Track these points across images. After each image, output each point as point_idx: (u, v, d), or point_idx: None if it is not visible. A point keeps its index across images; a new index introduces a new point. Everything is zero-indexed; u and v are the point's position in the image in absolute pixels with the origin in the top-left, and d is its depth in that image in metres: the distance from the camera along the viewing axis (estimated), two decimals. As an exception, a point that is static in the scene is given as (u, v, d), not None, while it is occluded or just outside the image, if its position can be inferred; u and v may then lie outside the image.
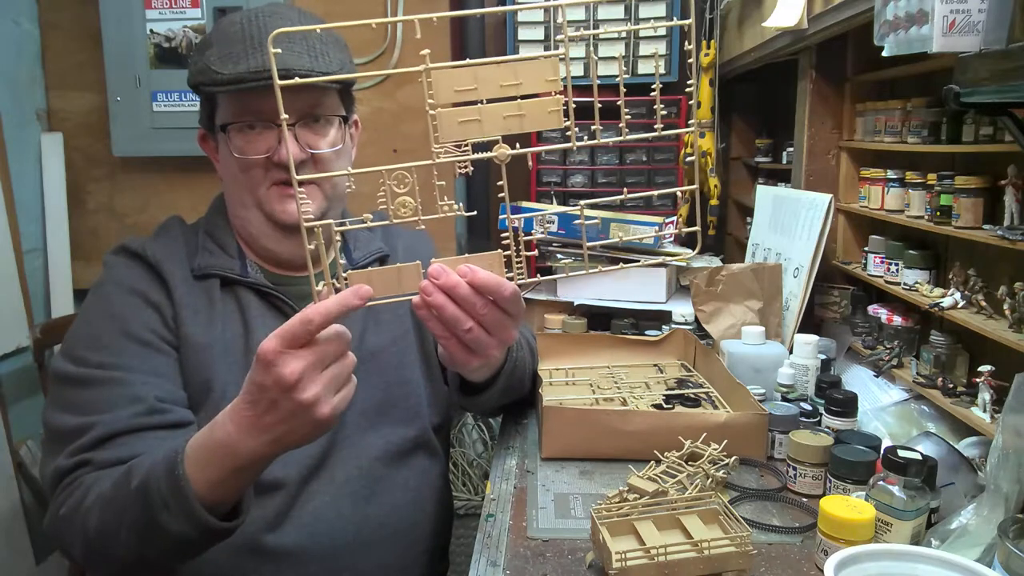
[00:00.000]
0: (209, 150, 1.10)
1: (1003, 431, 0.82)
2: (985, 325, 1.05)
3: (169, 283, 1.02)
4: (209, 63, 0.99)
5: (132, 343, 0.97)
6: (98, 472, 0.88)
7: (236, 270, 1.06)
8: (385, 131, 2.45)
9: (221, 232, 1.09)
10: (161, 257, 1.03)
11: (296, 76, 0.87)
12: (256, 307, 1.05)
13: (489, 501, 1.02)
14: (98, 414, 0.91)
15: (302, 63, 0.98)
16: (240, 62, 0.97)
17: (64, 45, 2.26)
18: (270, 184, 1.03)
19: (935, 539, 0.82)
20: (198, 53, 1.03)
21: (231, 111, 1.01)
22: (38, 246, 2.22)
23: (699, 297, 1.57)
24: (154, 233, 1.11)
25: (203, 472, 0.79)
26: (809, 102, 1.61)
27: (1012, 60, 0.76)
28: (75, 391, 0.94)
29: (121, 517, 0.83)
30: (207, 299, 1.03)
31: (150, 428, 0.92)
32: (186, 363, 1.00)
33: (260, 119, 1.00)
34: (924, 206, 1.23)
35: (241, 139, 1.01)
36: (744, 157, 2.36)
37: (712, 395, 1.30)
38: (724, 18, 2.06)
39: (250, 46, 0.98)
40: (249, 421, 0.76)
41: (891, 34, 1.02)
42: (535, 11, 2.18)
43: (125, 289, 1.01)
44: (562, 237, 1.76)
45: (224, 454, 0.78)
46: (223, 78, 0.97)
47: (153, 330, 0.99)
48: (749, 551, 0.81)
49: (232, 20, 1.02)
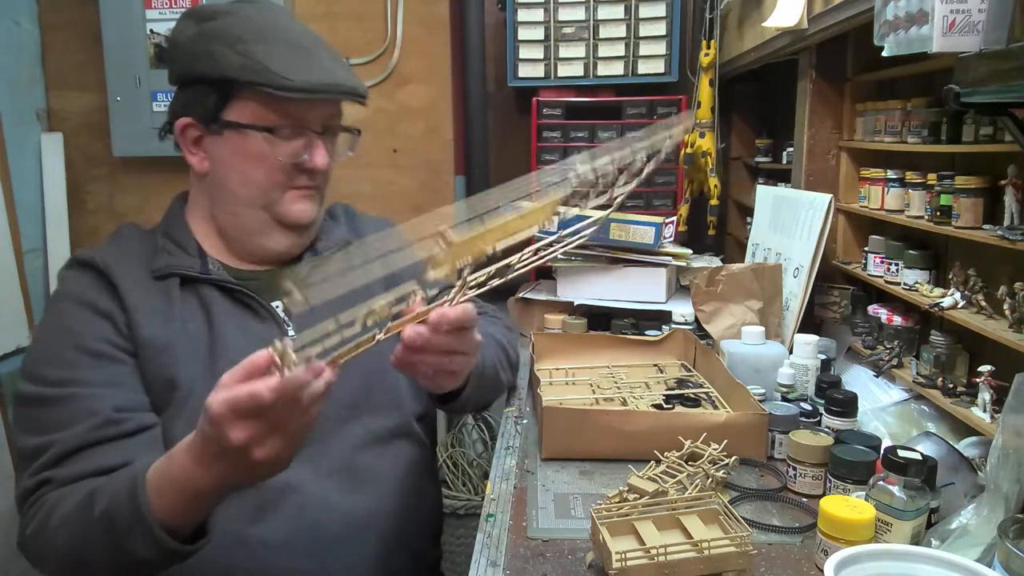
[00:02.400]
0: (187, 142, 1.07)
1: (1003, 431, 0.82)
2: (985, 325, 1.05)
3: (119, 288, 1.01)
4: (263, 62, 0.98)
5: (85, 356, 0.97)
6: (60, 490, 0.89)
7: (197, 268, 1.06)
8: (385, 131, 2.46)
9: (179, 233, 1.10)
10: (110, 262, 1.03)
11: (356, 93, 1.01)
12: (220, 304, 1.05)
13: (489, 501, 1.02)
14: (55, 432, 0.92)
15: (351, 80, 1.05)
16: (311, 72, 1.00)
17: (64, 45, 2.26)
18: (289, 187, 1.06)
19: (935, 539, 0.82)
20: (223, 44, 1.00)
21: (271, 114, 1.02)
22: (38, 246, 2.22)
23: (699, 297, 1.57)
24: (106, 241, 1.11)
25: (162, 500, 0.81)
26: (809, 102, 1.61)
27: (1012, 60, 0.76)
28: (34, 411, 0.95)
29: (88, 540, 0.85)
30: (165, 299, 1.03)
31: (108, 440, 0.92)
32: (148, 365, 0.99)
33: (298, 125, 1.04)
34: (924, 206, 1.23)
35: (266, 142, 1.03)
36: (744, 157, 2.36)
37: (712, 395, 1.30)
38: (724, 18, 2.06)
39: (307, 54, 1.02)
40: (203, 460, 0.77)
41: (891, 34, 1.02)
42: (535, 11, 2.18)
43: (76, 301, 1.01)
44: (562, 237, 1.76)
45: (181, 486, 0.80)
46: (293, 84, 0.98)
47: (106, 339, 0.99)
48: (749, 551, 0.81)
49: (249, 16, 1.03)
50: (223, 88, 1.02)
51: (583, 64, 2.20)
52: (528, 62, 2.21)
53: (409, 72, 2.42)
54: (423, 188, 2.47)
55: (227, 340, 1.02)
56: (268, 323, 1.07)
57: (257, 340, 1.03)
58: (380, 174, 2.47)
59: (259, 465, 0.74)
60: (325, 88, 1.01)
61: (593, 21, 2.17)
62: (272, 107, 1.02)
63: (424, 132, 2.45)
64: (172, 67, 1.08)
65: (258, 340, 1.03)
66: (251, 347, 1.02)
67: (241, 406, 0.70)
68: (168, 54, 1.09)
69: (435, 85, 2.43)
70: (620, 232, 1.72)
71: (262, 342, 1.03)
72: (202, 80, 1.03)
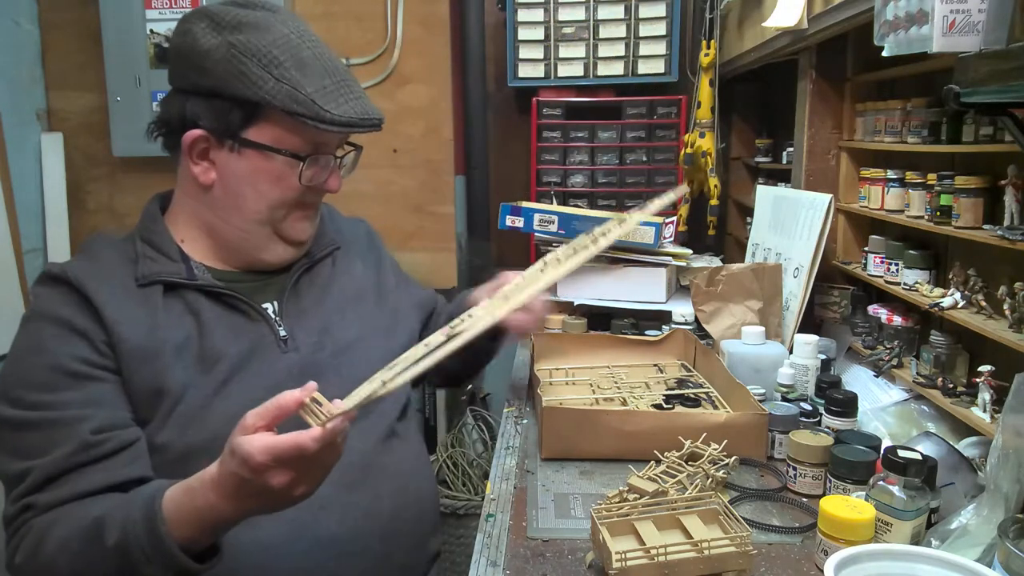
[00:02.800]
0: (191, 152, 1.04)
1: (1003, 431, 0.82)
2: (985, 325, 1.05)
3: (94, 301, 0.98)
4: (306, 93, 0.99)
5: (62, 377, 0.95)
6: (45, 515, 0.89)
7: (182, 274, 1.04)
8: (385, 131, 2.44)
9: (160, 238, 1.07)
10: (83, 276, 1.00)
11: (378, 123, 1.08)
12: (208, 308, 1.03)
13: (489, 501, 1.02)
14: (35, 458, 0.91)
15: (375, 109, 1.07)
16: (347, 105, 1.02)
17: (64, 45, 2.26)
18: (296, 207, 1.07)
19: (935, 539, 0.82)
20: (260, 67, 0.99)
21: (301, 140, 1.03)
22: (38, 246, 2.22)
23: (699, 297, 1.57)
24: (77, 253, 1.09)
25: (182, 529, 0.82)
26: (809, 102, 1.61)
27: (1012, 60, 0.76)
28: (13, 435, 0.94)
29: (96, 569, 0.86)
30: (147, 307, 1.01)
31: (88, 463, 0.92)
32: (134, 376, 0.97)
33: (322, 152, 1.06)
34: (924, 206, 1.23)
35: (288, 166, 1.04)
36: (744, 157, 2.36)
37: (712, 395, 1.30)
38: (724, 18, 2.06)
39: (342, 85, 1.04)
40: (235, 497, 0.80)
41: (891, 34, 1.02)
42: (535, 11, 2.18)
43: (50, 320, 0.98)
44: (562, 237, 1.76)
45: (205, 516, 0.82)
46: (336, 119, 1.00)
47: (82, 359, 0.96)
48: (749, 551, 0.81)
49: (286, 37, 1.01)
50: (251, 108, 1.00)
51: (583, 64, 2.20)
52: (528, 62, 2.21)
53: (409, 72, 2.42)
54: (423, 188, 2.47)
55: (218, 344, 1.01)
56: (259, 324, 1.06)
57: (251, 341, 1.04)
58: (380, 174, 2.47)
59: (295, 499, 0.80)
60: (361, 122, 1.04)
61: (593, 21, 2.18)
62: (299, 133, 1.02)
63: (424, 132, 2.45)
64: (188, 75, 1.02)
65: (252, 341, 1.04)
66: (244, 349, 1.02)
67: (285, 456, 0.75)
68: (185, 60, 1.02)
69: (435, 85, 2.43)
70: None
71: (255, 344, 1.04)
72: (231, 97, 1.00)
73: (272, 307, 1.09)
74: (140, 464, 0.94)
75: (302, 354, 1.06)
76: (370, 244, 1.29)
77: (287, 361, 1.05)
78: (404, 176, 2.47)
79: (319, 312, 1.11)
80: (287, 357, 1.05)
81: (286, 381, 0.92)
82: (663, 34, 2.17)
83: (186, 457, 0.96)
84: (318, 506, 1.01)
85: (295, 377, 0.95)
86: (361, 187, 2.45)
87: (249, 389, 0.99)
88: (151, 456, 0.96)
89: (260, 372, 1.02)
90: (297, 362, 1.05)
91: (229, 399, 0.99)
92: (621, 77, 2.19)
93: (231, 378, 1.00)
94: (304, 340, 1.07)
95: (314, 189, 1.07)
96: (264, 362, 1.03)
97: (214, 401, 0.98)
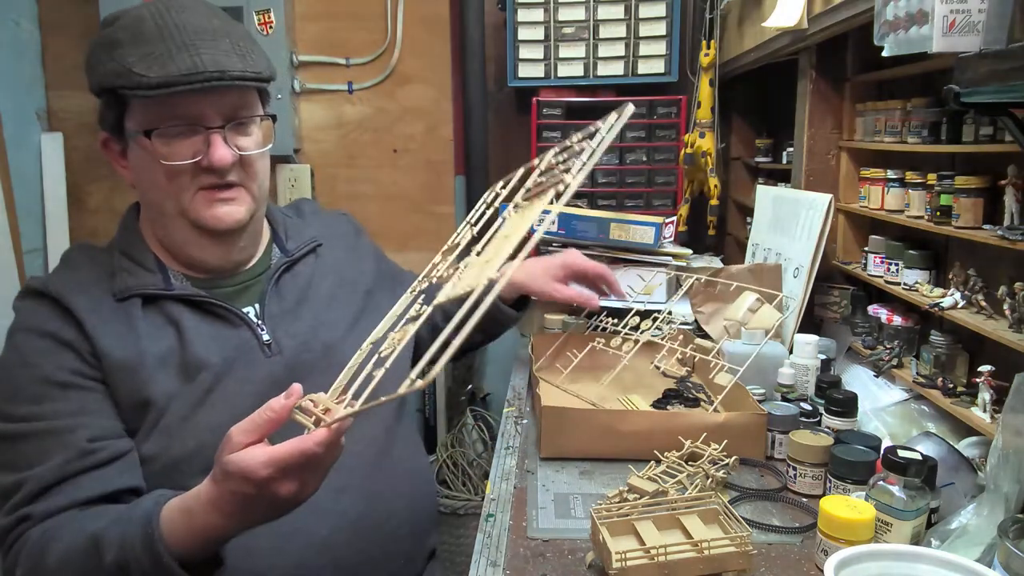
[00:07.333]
0: (113, 155, 1.04)
1: (1003, 431, 0.82)
2: (985, 325, 1.05)
3: (76, 314, 0.97)
4: (128, 65, 0.93)
5: (52, 388, 0.94)
6: (42, 525, 0.89)
7: (160, 285, 1.02)
8: (385, 131, 2.46)
9: (136, 249, 1.05)
10: (64, 290, 0.99)
11: (230, 77, 0.93)
12: (189, 317, 1.02)
13: (489, 501, 1.02)
14: (29, 469, 0.90)
15: (233, 63, 0.95)
16: (167, 64, 0.92)
17: (64, 45, 2.27)
18: (196, 190, 1.00)
19: (935, 539, 0.82)
20: (104, 52, 0.96)
21: (154, 115, 0.96)
22: (38, 246, 2.22)
23: (699, 297, 1.57)
24: (57, 266, 1.07)
25: (181, 546, 0.81)
26: (809, 102, 1.61)
27: (1012, 60, 0.76)
28: (5, 447, 0.93)
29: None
30: (127, 320, 0.99)
31: (84, 471, 0.91)
32: (120, 388, 0.96)
33: (186, 123, 0.96)
34: (924, 206, 1.23)
35: (164, 144, 0.96)
36: (744, 157, 2.36)
37: (712, 395, 1.30)
38: (724, 18, 2.06)
39: (173, 45, 0.93)
40: (238, 515, 0.79)
41: (891, 34, 1.02)
42: (535, 11, 2.18)
43: (36, 333, 0.97)
44: (562, 237, 1.76)
45: (209, 536, 0.81)
46: (150, 81, 0.91)
47: (71, 369, 0.96)
48: (749, 551, 0.82)
49: (139, 16, 0.96)
50: (113, 98, 0.97)
51: (583, 64, 2.20)
52: (528, 62, 2.21)
53: (409, 72, 2.42)
54: (423, 188, 2.47)
55: (200, 353, 0.99)
56: (241, 328, 1.04)
57: (234, 348, 1.02)
58: (380, 174, 2.47)
59: (300, 502, 0.78)
60: (181, 79, 0.92)
61: (593, 21, 2.17)
62: (155, 109, 0.95)
63: (424, 132, 2.45)
64: None
65: (235, 348, 1.02)
66: (227, 357, 1.01)
67: (291, 465, 0.73)
68: None
69: (435, 85, 2.43)
70: (620, 232, 1.72)
71: (238, 350, 1.02)
72: (97, 92, 0.99)
73: (254, 310, 1.07)
74: (133, 474, 0.94)
75: (286, 357, 1.04)
76: (357, 236, 1.27)
77: (271, 366, 1.03)
78: (404, 176, 2.47)
79: (303, 311, 1.09)
80: (271, 362, 1.03)
81: (271, 388, 0.91)
82: (663, 34, 2.17)
83: (172, 468, 0.96)
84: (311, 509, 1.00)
85: (280, 383, 0.91)
86: (361, 187, 2.45)
87: (233, 396, 0.98)
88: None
89: (244, 379, 1.01)
90: (282, 366, 1.03)
91: (214, 408, 0.98)
92: (621, 77, 2.19)
93: (215, 387, 0.99)
94: (288, 343, 1.05)
95: (201, 167, 0.98)
96: (248, 369, 1.02)
97: (198, 411, 0.97)
